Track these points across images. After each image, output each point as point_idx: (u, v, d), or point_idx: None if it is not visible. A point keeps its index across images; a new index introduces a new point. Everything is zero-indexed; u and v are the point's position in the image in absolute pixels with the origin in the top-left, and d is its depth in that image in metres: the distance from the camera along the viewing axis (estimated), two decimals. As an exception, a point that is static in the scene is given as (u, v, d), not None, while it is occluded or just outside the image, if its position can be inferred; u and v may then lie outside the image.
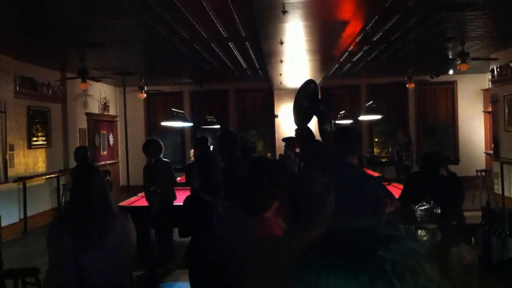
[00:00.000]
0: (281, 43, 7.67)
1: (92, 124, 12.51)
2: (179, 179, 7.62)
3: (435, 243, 3.57)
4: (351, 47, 8.53)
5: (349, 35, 7.54)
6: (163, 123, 10.43)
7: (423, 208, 3.95)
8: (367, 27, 7.07)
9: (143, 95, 12.72)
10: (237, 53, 9.15)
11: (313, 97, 4.93)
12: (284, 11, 5.71)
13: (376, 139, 14.88)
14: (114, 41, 7.90)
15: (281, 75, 11.29)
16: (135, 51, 9.13)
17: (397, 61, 10.40)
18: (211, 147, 8.54)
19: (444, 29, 7.67)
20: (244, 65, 10.50)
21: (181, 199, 4.45)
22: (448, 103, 14.19)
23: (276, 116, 14.34)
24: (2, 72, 8.66)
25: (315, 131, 5.08)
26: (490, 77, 11.04)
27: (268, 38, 7.44)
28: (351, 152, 3.04)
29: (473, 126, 13.72)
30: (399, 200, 4.50)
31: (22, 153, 9.41)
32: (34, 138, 9.88)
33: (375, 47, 8.86)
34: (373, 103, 11.25)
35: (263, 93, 14.58)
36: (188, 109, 14.23)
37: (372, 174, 9.00)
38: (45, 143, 10.32)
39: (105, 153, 13.50)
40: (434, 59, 10.73)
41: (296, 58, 9.51)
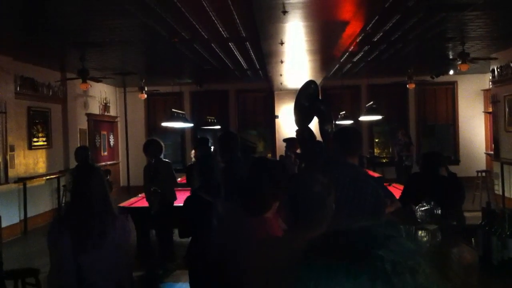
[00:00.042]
0: (282, 43, 7.67)
1: (92, 124, 12.52)
2: (179, 179, 7.61)
3: (435, 243, 3.57)
4: (352, 48, 8.53)
5: (349, 35, 7.53)
6: (164, 124, 10.42)
7: (423, 208, 3.95)
8: (368, 28, 7.07)
9: (144, 96, 12.72)
10: (237, 54, 9.15)
11: (314, 98, 4.93)
12: (284, 11, 5.71)
13: (376, 139, 14.88)
14: (114, 41, 7.90)
15: (281, 75, 11.29)
16: (135, 51, 9.13)
17: (397, 61, 10.40)
18: (212, 147, 8.53)
19: (444, 29, 7.67)
20: (244, 65, 10.50)
21: (181, 199, 4.45)
22: (448, 103, 14.18)
23: (276, 116, 14.34)
24: (2, 72, 8.66)
25: (316, 132, 5.08)
26: (490, 77, 11.04)
27: (268, 38, 7.44)
28: (351, 152, 3.04)
29: (474, 126, 13.71)
30: (399, 200, 4.50)
31: (22, 154, 9.41)
32: (34, 138, 9.88)
33: (375, 48, 8.86)
34: (373, 103, 11.25)
35: (264, 94, 14.58)
36: (188, 110, 14.23)
37: (372, 174, 9.00)
38: (45, 143, 10.32)
39: (105, 153, 13.50)
40: (434, 60, 10.73)
41: (296, 58, 9.51)
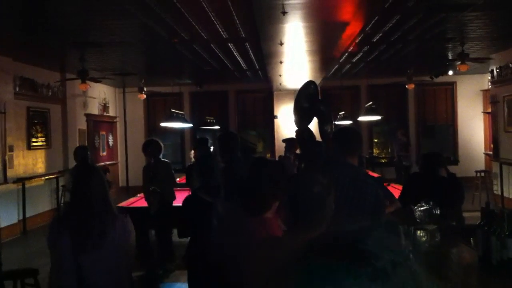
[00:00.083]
0: (281, 44, 7.67)
1: (91, 125, 12.51)
2: (178, 179, 7.61)
3: (434, 243, 3.57)
4: (351, 48, 8.53)
5: (349, 36, 7.54)
6: (163, 124, 10.41)
7: (422, 209, 3.95)
8: (367, 28, 7.07)
9: (143, 96, 12.72)
10: (237, 54, 9.15)
11: (314, 98, 4.93)
12: (284, 12, 5.71)
13: (375, 139, 14.88)
14: (114, 42, 7.90)
15: (280, 76, 11.29)
16: (135, 51, 9.13)
17: (397, 61, 10.40)
18: (212, 148, 8.53)
19: (443, 30, 7.68)
20: (244, 66, 10.50)
21: (180, 199, 4.44)
22: (447, 103, 14.19)
23: (275, 117, 14.34)
24: (1, 73, 8.66)
25: (316, 132, 5.07)
26: (489, 77, 11.05)
27: (268, 39, 7.44)
28: (351, 153, 3.04)
29: (473, 126, 13.72)
30: (398, 200, 4.51)
31: (21, 154, 9.41)
32: (33, 139, 9.88)
33: (375, 48, 8.86)
34: (372, 103, 11.25)
35: (263, 94, 14.59)
36: (188, 110, 14.24)
37: (372, 175, 9.00)
38: (44, 144, 10.32)
39: (104, 154, 13.50)
40: (433, 60, 10.74)
41: (296, 59, 9.51)
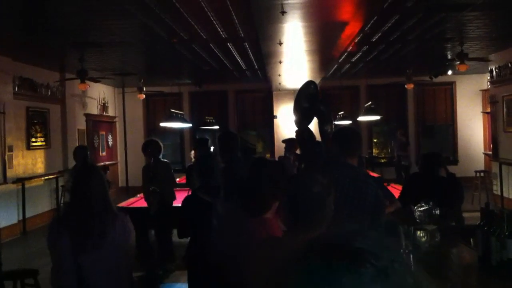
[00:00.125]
0: (280, 43, 7.66)
1: (91, 125, 12.51)
2: (178, 180, 7.61)
3: (434, 244, 3.57)
4: (350, 48, 8.53)
5: (348, 35, 7.54)
6: (162, 124, 10.41)
7: (421, 209, 3.95)
8: (366, 28, 7.07)
9: (142, 96, 12.71)
10: (236, 54, 9.15)
11: (314, 98, 4.92)
12: (283, 12, 5.70)
13: (375, 139, 14.89)
14: (113, 41, 7.90)
15: (280, 75, 11.28)
16: (134, 51, 9.12)
17: (396, 61, 10.40)
18: (212, 148, 8.53)
19: (443, 29, 7.68)
20: (243, 65, 10.50)
21: (180, 200, 4.44)
22: (447, 103, 14.20)
23: (275, 116, 14.34)
24: (1, 73, 8.65)
25: (315, 132, 5.07)
26: (489, 77, 11.05)
27: (267, 38, 7.44)
28: (351, 153, 3.03)
29: (472, 126, 13.73)
30: (398, 200, 4.51)
31: (21, 154, 9.40)
32: (33, 139, 9.87)
33: (374, 48, 8.87)
34: (372, 103, 11.25)
35: (262, 94, 14.58)
36: (187, 110, 14.23)
37: (372, 175, 9.00)
38: (44, 144, 10.31)
39: (104, 154, 13.49)
40: (433, 60, 10.74)
41: (295, 58, 9.51)
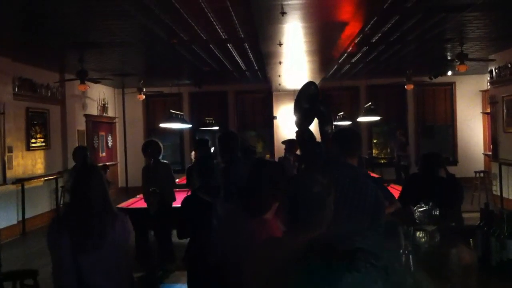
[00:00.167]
0: (280, 44, 7.66)
1: (90, 125, 12.51)
2: (178, 180, 7.60)
3: (434, 244, 3.57)
4: (350, 48, 8.53)
5: (348, 36, 7.54)
6: (162, 125, 10.41)
7: (421, 209, 3.95)
8: (366, 28, 7.07)
9: (142, 97, 12.71)
10: (236, 55, 9.16)
11: (314, 99, 4.92)
12: (283, 13, 5.70)
13: (375, 140, 14.89)
14: (113, 42, 7.90)
15: (280, 76, 11.28)
16: (134, 52, 9.13)
17: (396, 62, 10.41)
18: (212, 148, 8.53)
19: (443, 30, 7.68)
20: (243, 66, 10.50)
21: (180, 200, 4.44)
22: (447, 104, 14.21)
23: (274, 117, 14.34)
24: (1, 73, 8.65)
25: (316, 133, 5.07)
26: (488, 78, 11.05)
27: (267, 39, 7.44)
28: (351, 153, 3.03)
29: (472, 127, 13.74)
30: (398, 201, 4.50)
31: (20, 155, 9.40)
32: (32, 139, 9.87)
33: (374, 48, 8.87)
34: (372, 104, 11.25)
35: (262, 95, 14.58)
36: (187, 111, 14.23)
37: (372, 175, 8.99)
38: (43, 144, 10.31)
39: (103, 154, 13.49)
40: (433, 60, 10.74)
41: (295, 59, 9.50)
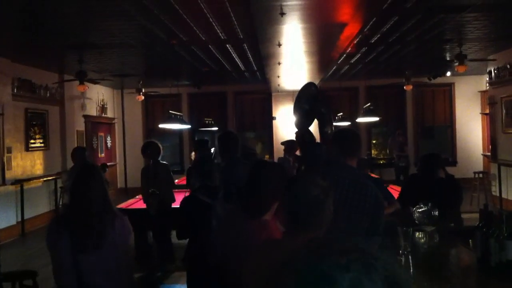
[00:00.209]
0: (279, 45, 7.67)
1: (89, 126, 12.50)
2: (177, 181, 7.60)
3: (433, 245, 3.57)
4: (349, 49, 8.53)
5: (347, 37, 7.54)
6: (161, 125, 10.41)
7: (421, 210, 3.95)
8: (365, 29, 7.08)
9: (141, 97, 12.70)
10: (235, 55, 9.16)
11: (314, 100, 4.92)
12: (282, 13, 5.71)
13: (374, 141, 14.89)
14: (112, 43, 7.90)
15: (279, 77, 11.29)
16: (133, 53, 9.12)
17: (395, 63, 10.41)
18: (212, 149, 8.53)
19: (442, 31, 7.69)
20: (242, 67, 10.50)
21: (179, 201, 4.44)
22: (446, 104, 14.21)
23: (274, 118, 14.34)
24: (0, 74, 8.65)
25: (315, 133, 5.07)
26: (487, 79, 11.06)
27: (266, 40, 7.44)
28: (351, 154, 3.03)
29: (471, 128, 13.75)
30: (397, 201, 4.51)
31: (19, 156, 9.39)
32: (31, 140, 9.86)
33: (373, 49, 8.87)
34: (371, 105, 11.25)
35: (261, 95, 14.59)
36: (186, 111, 14.22)
37: (372, 176, 8.99)
38: (42, 145, 10.30)
39: (102, 155, 13.49)
40: (432, 61, 10.75)
41: (294, 60, 9.51)
